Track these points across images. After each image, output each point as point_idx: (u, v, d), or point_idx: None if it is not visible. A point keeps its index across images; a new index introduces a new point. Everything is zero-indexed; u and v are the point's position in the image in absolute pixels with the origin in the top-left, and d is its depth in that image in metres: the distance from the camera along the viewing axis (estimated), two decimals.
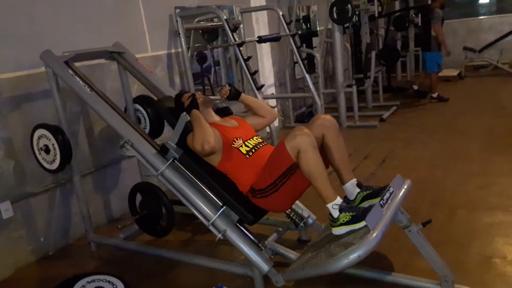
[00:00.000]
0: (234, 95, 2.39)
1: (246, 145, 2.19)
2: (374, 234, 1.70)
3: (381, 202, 1.84)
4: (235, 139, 2.19)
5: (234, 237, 2.10)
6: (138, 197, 2.72)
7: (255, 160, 2.14)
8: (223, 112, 2.47)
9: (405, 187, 2.04)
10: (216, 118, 2.37)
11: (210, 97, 2.46)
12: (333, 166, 2.11)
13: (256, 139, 2.28)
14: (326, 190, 1.91)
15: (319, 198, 1.93)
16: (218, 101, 2.48)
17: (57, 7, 2.98)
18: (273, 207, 2.15)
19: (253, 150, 2.18)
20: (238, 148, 2.16)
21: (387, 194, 1.91)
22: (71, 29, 3.07)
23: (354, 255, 1.68)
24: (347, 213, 1.89)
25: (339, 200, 1.92)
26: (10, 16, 2.71)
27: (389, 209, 1.85)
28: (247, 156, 2.15)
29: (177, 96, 2.41)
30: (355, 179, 2.10)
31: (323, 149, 2.09)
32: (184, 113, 2.18)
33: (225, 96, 2.35)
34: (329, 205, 1.92)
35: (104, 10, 3.33)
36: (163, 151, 2.27)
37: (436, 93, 6.31)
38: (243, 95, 2.42)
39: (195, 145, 2.10)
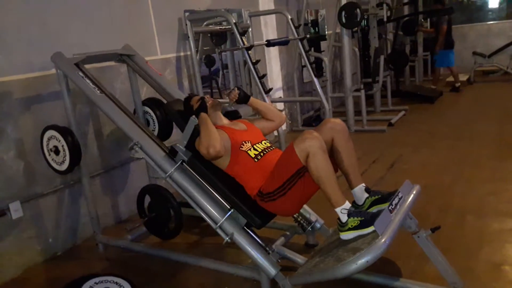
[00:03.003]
0: (243, 99, 2.40)
1: (254, 149, 2.19)
2: (383, 240, 1.68)
3: (389, 208, 1.83)
4: (243, 142, 2.19)
5: (241, 240, 2.10)
6: (147, 200, 2.74)
7: (263, 164, 2.14)
8: (232, 115, 2.47)
9: (414, 192, 2.02)
10: (225, 121, 2.38)
11: (219, 100, 2.47)
12: (342, 170, 2.10)
13: (265, 143, 2.28)
14: (335, 195, 1.90)
15: (326, 202, 1.92)
16: (227, 104, 2.48)
17: (68, 10, 3.01)
18: (280, 210, 2.15)
19: (262, 154, 2.18)
20: (246, 152, 2.16)
21: (396, 200, 1.89)
22: (82, 31, 3.10)
23: (362, 261, 1.66)
24: (355, 218, 1.88)
25: (347, 204, 1.91)
26: (21, 18, 2.74)
27: (398, 215, 1.83)
28: (255, 159, 2.15)
29: (186, 99, 2.42)
30: (363, 184, 2.09)
31: (332, 153, 2.08)
32: (193, 116, 2.18)
33: (234, 100, 2.36)
34: (337, 210, 1.91)
35: (114, 13, 3.36)
36: (172, 153, 2.27)
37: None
38: (252, 99, 2.44)
39: (201, 149, 2.10)
